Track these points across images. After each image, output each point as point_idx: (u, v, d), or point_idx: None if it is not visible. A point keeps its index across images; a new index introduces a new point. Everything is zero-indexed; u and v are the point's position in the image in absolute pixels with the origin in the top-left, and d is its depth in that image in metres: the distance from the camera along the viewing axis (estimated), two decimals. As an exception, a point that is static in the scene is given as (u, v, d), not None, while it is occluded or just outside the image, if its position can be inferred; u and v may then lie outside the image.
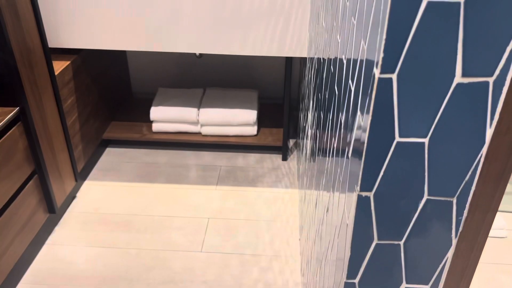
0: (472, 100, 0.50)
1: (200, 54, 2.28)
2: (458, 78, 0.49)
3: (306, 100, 1.74)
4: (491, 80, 0.49)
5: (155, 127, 2.16)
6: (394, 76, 0.49)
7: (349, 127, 0.67)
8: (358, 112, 0.59)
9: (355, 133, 0.61)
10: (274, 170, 2.10)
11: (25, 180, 1.55)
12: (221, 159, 2.17)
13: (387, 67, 0.49)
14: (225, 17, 1.75)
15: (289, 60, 1.98)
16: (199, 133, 2.17)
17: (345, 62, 0.74)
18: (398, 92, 0.50)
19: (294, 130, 2.38)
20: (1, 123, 1.40)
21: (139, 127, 2.22)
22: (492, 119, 0.52)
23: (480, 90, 0.50)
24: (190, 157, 2.17)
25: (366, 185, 0.58)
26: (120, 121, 2.27)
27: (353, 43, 0.66)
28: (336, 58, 0.86)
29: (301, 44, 1.80)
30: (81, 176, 2.00)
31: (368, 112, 0.53)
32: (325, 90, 1.02)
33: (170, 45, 1.81)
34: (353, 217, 0.61)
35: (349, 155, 0.66)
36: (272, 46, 1.81)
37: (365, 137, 0.55)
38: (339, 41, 0.82)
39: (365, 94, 0.55)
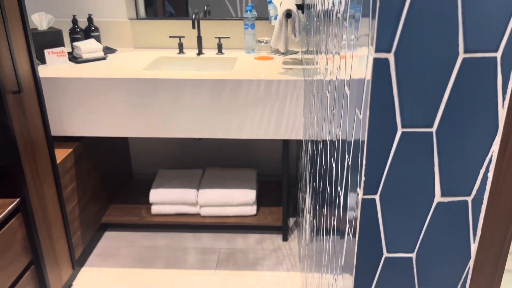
0: (454, 217, 0.52)
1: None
2: (438, 198, 0.51)
3: (303, 182, 1.76)
4: (469, 199, 0.51)
5: (154, 209, 2.16)
6: (376, 197, 0.52)
7: (340, 235, 0.68)
8: (347, 225, 0.61)
9: (346, 246, 0.62)
10: (274, 252, 2.07)
11: (22, 271, 1.53)
12: (221, 240, 2.15)
13: (369, 189, 0.51)
14: (223, 103, 1.82)
15: (286, 141, 2.03)
16: (198, 214, 2.17)
17: (334, 166, 0.77)
18: (382, 211, 0.52)
19: (294, 207, 2.38)
20: (1, 215, 1.41)
21: (139, 209, 2.23)
22: (475, 234, 0.53)
23: (460, 208, 0.52)
24: (189, 240, 2.15)
25: (358, 299, 0.58)
26: (119, 203, 2.28)
27: (340, 153, 0.70)
28: (327, 157, 0.89)
29: (297, 127, 1.87)
30: (78, 263, 1.97)
31: (355, 230, 0.55)
32: (319, 183, 1.05)
33: (170, 131, 1.88)
34: (348, 329, 0.61)
35: (342, 263, 0.66)
36: (268, 130, 1.87)
37: (354, 252, 0.56)
38: (328, 143, 0.86)
39: (352, 209, 0.57)
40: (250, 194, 2.14)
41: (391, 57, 0.46)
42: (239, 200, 2.13)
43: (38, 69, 1.60)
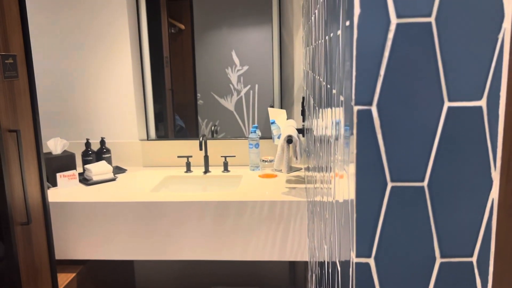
0: None
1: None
2: None
3: (310, 309, 1.70)
4: None
5: (157, 334, 2.07)
6: None
7: None
8: None
9: None
10: None
11: None
12: None
13: None
14: (228, 224, 1.83)
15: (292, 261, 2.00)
16: None
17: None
18: None
19: (302, 329, 2.26)
20: None
21: (140, 334, 2.13)
22: None
23: None
24: None
25: None
26: (121, 327, 2.19)
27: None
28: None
29: (302, 249, 1.85)
30: None
31: None
32: (321, 331, 1.02)
33: (175, 253, 1.87)
34: None
35: None
36: (273, 251, 1.86)
37: None
38: (327, 298, 0.85)
39: None
40: (256, 317, 2.05)
41: (371, 261, 0.48)
42: (244, 324, 2.04)
43: (48, 197, 1.65)
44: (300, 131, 1.96)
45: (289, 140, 1.83)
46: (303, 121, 2.01)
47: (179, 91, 2.52)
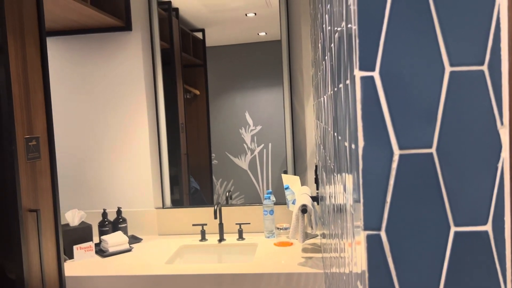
0: None
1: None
2: None
3: None
4: None
5: None
6: None
7: None
8: None
9: None
10: None
11: None
12: None
13: None
14: (243, 299, 1.80)
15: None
16: None
17: None
18: None
19: None
20: None
21: None
22: None
23: None
24: None
25: None
26: None
27: None
28: None
29: (320, 323, 1.79)
30: None
31: None
32: None
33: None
34: None
35: None
36: (291, 325, 1.81)
37: None
38: None
39: None
40: None
41: None
42: None
43: (64, 273, 1.66)
44: (315, 198, 1.96)
45: (304, 210, 1.83)
46: (317, 188, 2.02)
47: (194, 154, 2.57)
